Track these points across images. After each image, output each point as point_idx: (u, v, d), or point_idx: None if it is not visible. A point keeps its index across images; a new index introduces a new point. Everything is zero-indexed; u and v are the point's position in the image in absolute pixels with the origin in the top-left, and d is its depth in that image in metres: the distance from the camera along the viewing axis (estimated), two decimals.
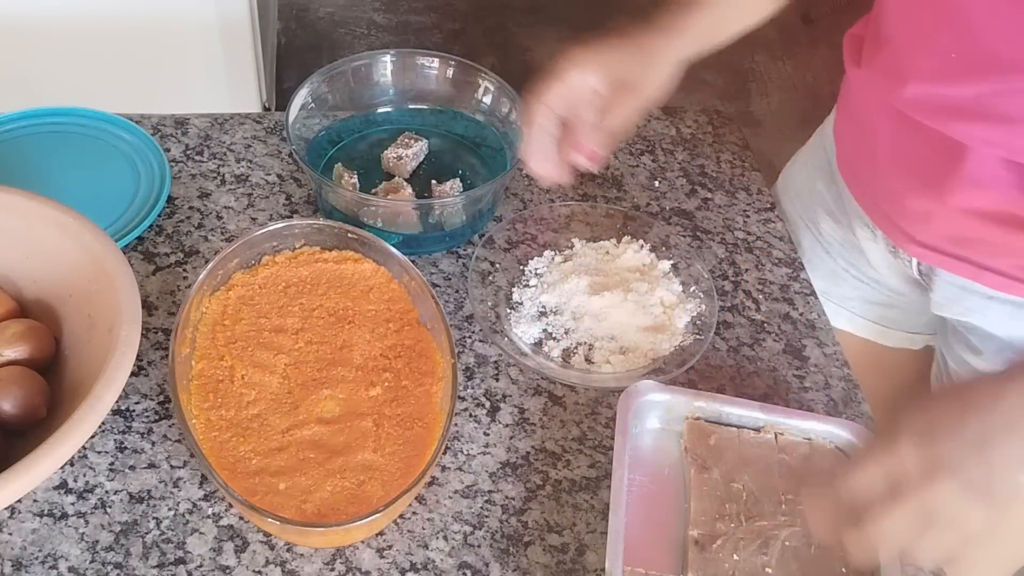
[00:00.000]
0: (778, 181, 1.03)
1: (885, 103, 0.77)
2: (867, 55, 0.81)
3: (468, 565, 0.65)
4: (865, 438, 0.71)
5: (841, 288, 0.96)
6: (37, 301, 0.71)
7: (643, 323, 0.80)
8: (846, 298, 0.96)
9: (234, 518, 0.66)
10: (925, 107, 0.72)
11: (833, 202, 0.92)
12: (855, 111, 0.85)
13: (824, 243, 0.95)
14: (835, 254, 0.94)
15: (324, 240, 0.76)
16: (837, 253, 0.94)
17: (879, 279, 0.92)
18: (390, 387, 0.69)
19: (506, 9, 2.63)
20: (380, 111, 0.94)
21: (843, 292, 0.96)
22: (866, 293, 0.95)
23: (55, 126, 0.91)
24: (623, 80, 0.71)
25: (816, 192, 0.95)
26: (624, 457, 0.68)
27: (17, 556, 0.62)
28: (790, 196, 0.99)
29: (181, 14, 1.50)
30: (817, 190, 0.94)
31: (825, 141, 0.95)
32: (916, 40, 0.72)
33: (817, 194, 0.94)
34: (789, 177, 1.01)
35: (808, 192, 0.96)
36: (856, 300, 0.96)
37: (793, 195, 0.99)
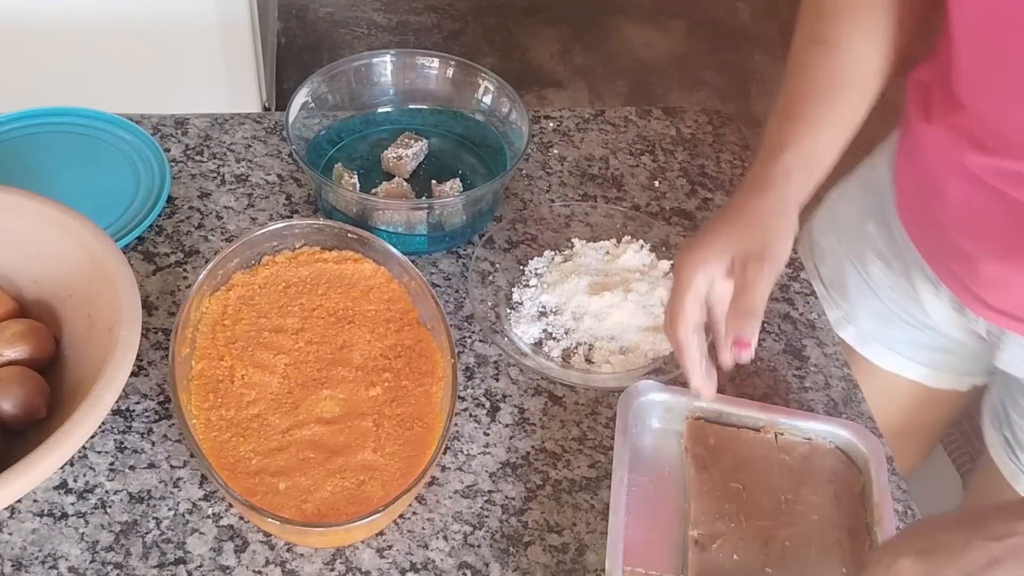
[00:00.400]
0: (819, 213, 0.97)
1: (958, 164, 0.72)
2: (938, 111, 0.75)
3: (468, 565, 0.65)
4: (865, 437, 0.71)
5: (889, 330, 0.91)
6: (37, 301, 0.71)
7: (643, 323, 0.80)
8: (894, 340, 0.91)
9: (234, 518, 0.66)
10: (1005, 176, 0.69)
11: (886, 246, 0.87)
12: (922, 164, 0.79)
13: (872, 284, 0.90)
14: (884, 297, 0.89)
15: (324, 240, 0.76)
16: (887, 296, 0.89)
17: (934, 327, 0.87)
18: (390, 387, 0.69)
19: (506, 9, 2.63)
20: (380, 111, 0.94)
21: (891, 334, 0.91)
22: (917, 337, 0.90)
23: (55, 126, 0.91)
24: (747, 255, 0.65)
25: (866, 233, 0.89)
26: (624, 457, 0.68)
27: (17, 556, 0.62)
28: (835, 231, 0.93)
29: (181, 14, 1.50)
30: (867, 231, 0.89)
31: (878, 179, 0.89)
32: (999, 112, 0.68)
33: (867, 235, 0.89)
34: (834, 211, 0.95)
35: (857, 231, 0.90)
36: (905, 343, 0.91)
37: (839, 230, 0.93)
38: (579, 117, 1.02)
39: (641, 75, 2.49)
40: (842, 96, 0.71)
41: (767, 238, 0.64)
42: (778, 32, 2.64)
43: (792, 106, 0.70)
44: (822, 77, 0.71)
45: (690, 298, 0.65)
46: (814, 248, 0.96)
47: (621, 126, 1.02)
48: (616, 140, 1.00)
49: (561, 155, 0.97)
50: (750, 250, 0.64)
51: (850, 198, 0.93)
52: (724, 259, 0.65)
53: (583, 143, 0.99)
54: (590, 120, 1.02)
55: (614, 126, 1.01)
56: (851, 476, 0.70)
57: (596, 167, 0.96)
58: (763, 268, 0.63)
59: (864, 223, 0.89)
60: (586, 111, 1.03)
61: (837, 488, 0.69)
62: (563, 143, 0.98)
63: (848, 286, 0.92)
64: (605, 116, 1.02)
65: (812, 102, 0.70)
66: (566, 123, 1.01)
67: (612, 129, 1.01)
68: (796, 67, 0.72)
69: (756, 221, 0.65)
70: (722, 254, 0.65)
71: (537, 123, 1.00)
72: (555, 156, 0.97)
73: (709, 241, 0.66)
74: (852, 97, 0.71)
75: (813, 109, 0.70)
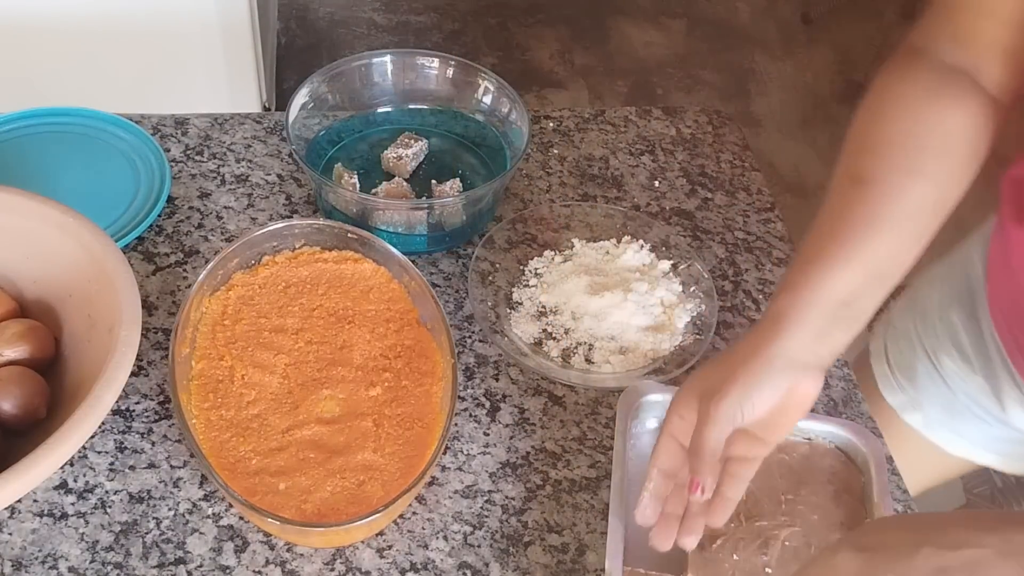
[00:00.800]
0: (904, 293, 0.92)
1: None
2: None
3: (468, 565, 0.65)
4: (865, 437, 0.71)
5: (958, 422, 0.87)
6: (37, 301, 0.71)
7: (643, 323, 0.80)
8: (962, 432, 0.87)
9: (234, 518, 0.66)
10: None
11: (970, 341, 0.82)
12: (1019, 268, 0.73)
13: (943, 375, 0.86)
14: (956, 389, 0.85)
15: (324, 240, 0.76)
16: (959, 388, 0.85)
17: (1011, 422, 0.83)
18: (390, 387, 0.69)
19: (506, 9, 2.63)
20: (380, 111, 0.94)
21: (960, 427, 0.87)
22: (990, 431, 0.86)
23: (55, 126, 0.91)
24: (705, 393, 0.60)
25: (946, 321, 0.84)
26: (624, 457, 0.68)
27: (17, 556, 0.62)
28: (913, 313, 0.89)
29: (181, 14, 1.50)
30: (949, 319, 0.84)
31: (969, 269, 0.83)
32: None
33: (949, 325, 0.84)
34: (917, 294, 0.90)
35: (937, 318, 0.85)
36: (977, 435, 0.87)
37: (917, 314, 0.88)
38: (579, 117, 1.02)
39: (641, 75, 2.49)
40: (877, 234, 0.61)
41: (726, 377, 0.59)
42: (778, 32, 2.64)
43: (810, 246, 0.63)
44: (854, 216, 0.62)
45: (663, 439, 0.62)
46: (888, 327, 0.93)
47: (621, 126, 1.02)
48: (616, 140, 1.00)
49: (561, 155, 0.97)
50: (708, 388, 0.60)
51: (935, 283, 0.87)
52: (692, 399, 0.61)
53: (583, 143, 0.99)
54: (590, 120, 1.02)
55: (614, 126, 1.01)
56: (851, 476, 0.70)
57: (596, 167, 0.96)
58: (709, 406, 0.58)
59: (948, 311, 0.84)
60: (586, 111, 1.03)
61: (837, 488, 0.69)
62: (563, 143, 0.98)
63: (917, 371, 0.87)
64: (605, 116, 1.03)
65: (838, 242, 0.61)
66: (566, 123, 1.01)
67: (612, 129, 1.01)
68: (827, 207, 0.64)
69: (729, 360, 0.60)
70: (690, 395, 0.61)
71: (537, 123, 1.00)
72: (555, 156, 0.97)
73: (686, 383, 0.63)
74: (891, 239, 0.61)
75: (834, 248, 0.61)
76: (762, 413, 0.59)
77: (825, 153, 2.33)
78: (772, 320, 0.60)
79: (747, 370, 0.59)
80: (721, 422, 0.58)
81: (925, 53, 0.65)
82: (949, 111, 0.63)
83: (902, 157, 0.62)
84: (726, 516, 0.61)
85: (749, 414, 0.59)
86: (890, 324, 0.92)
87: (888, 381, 0.90)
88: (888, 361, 0.91)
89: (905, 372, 0.89)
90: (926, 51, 0.65)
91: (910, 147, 0.63)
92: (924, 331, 0.86)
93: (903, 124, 0.63)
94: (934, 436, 0.89)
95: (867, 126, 0.65)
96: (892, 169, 0.62)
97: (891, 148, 0.63)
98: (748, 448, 0.61)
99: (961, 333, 0.82)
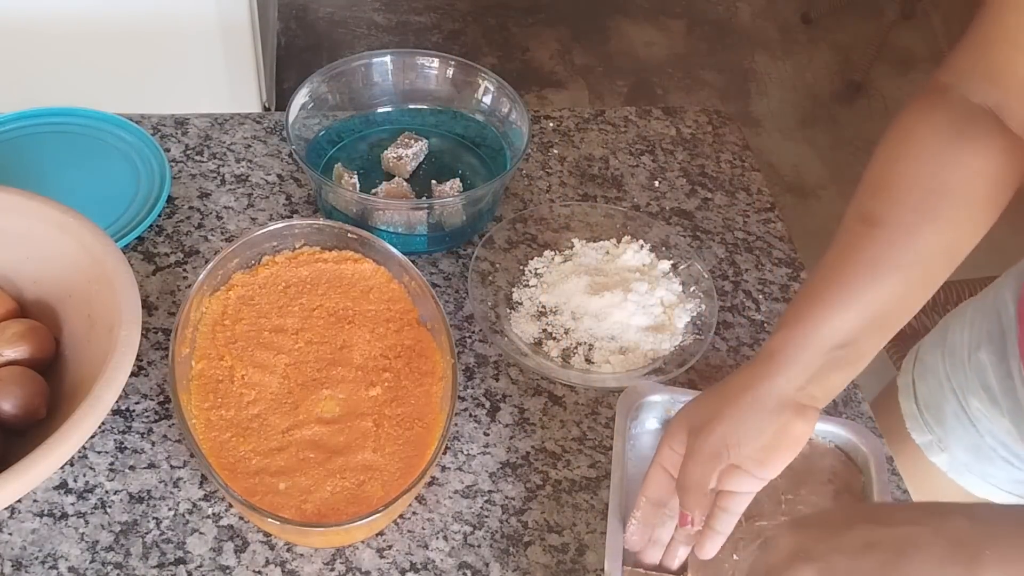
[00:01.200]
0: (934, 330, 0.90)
1: None
2: None
3: (468, 565, 0.65)
4: (865, 436, 0.71)
5: (984, 465, 0.84)
6: (37, 301, 0.71)
7: (643, 323, 0.80)
8: (989, 474, 0.85)
9: (234, 518, 0.66)
10: None
11: (998, 382, 0.79)
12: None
13: (971, 417, 0.83)
14: (983, 431, 0.83)
15: (324, 240, 0.76)
16: (986, 431, 0.82)
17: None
18: (390, 387, 0.69)
19: (506, 9, 2.63)
20: (380, 111, 0.94)
21: (987, 469, 0.85)
22: (1017, 475, 0.83)
23: (55, 126, 0.91)
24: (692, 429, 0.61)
25: (977, 361, 0.81)
26: (624, 458, 0.68)
27: (17, 556, 0.62)
28: (943, 350, 0.86)
29: (181, 14, 1.50)
30: (978, 359, 0.81)
31: (1002, 307, 0.80)
32: None
33: (978, 364, 0.81)
34: (947, 331, 0.88)
35: (966, 357, 0.83)
36: (1004, 479, 0.84)
37: (947, 351, 0.85)
38: (579, 117, 1.02)
39: (641, 75, 2.49)
40: (881, 278, 0.59)
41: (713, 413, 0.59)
42: (778, 32, 2.64)
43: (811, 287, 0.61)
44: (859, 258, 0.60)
45: (653, 470, 0.63)
46: (917, 363, 0.90)
47: (621, 126, 1.02)
48: (616, 140, 1.00)
49: (561, 155, 0.97)
50: (697, 423, 0.60)
51: (966, 320, 0.85)
52: (682, 432, 0.61)
53: (583, 143, 0.99)
54: (590, 120, 1.02)
55: (614, 126, 1.01)
56: (851, 476, 0.70)
57: (596, 167, 0.96)
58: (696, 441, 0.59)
59: (977, 351, 0.81)
60: (586, 111, 1.03)
61: (837, 488, 0.69)
62: (563, 143, 0.98)
63: (945, 412, 0.85)
64: (605, 116, 1.03)
65: (839, 283, 0.60)
66: (566, 123, 1.01)
67: (612, 129, 1.01)
68: (835, 246, 0.62)
69: (714, 397, 0.61)
70: (680, 428, 0.61)
71: (537, 123, 1.00)
72: (555, 156, 0.97)
73: (678, 415, 0.63)
74: (897, 283, 0.59)
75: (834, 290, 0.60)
76: (750, 451, 0.59)
77: (825, 153, 2.33)
78: (766, 358, 0.59)
79: (735, 408, 0.58)
80: (706, 459, 0.58)
81: (951, 91, 0.63)
82: (971, 153, 0.60)
83: (916, 199, 0.60)
84: (715, 549, 0.61)
85: (735, 452, 0.58)
86: (919, 360, 0.90)
87: (916, 420, 0.89)
88: (916, 399, 0.89)
89: (933, 412, 0.87)
90: (952, 89, 0.63)
91: (925, 189, 0.60)
92: (953, 370, 0.84)
93: (921, 165, 0.60)
94: (960, 479, 0.87)
95: (883, 165, 0.62)
96: (904, 211, 0.60)
97: (905, 189, 0.60)
98: (739, 483, 0.60)
99: (989, 372, 0.80)
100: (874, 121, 2.40)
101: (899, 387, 0.92)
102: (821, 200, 2.20)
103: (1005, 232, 0.62)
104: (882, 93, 2.49)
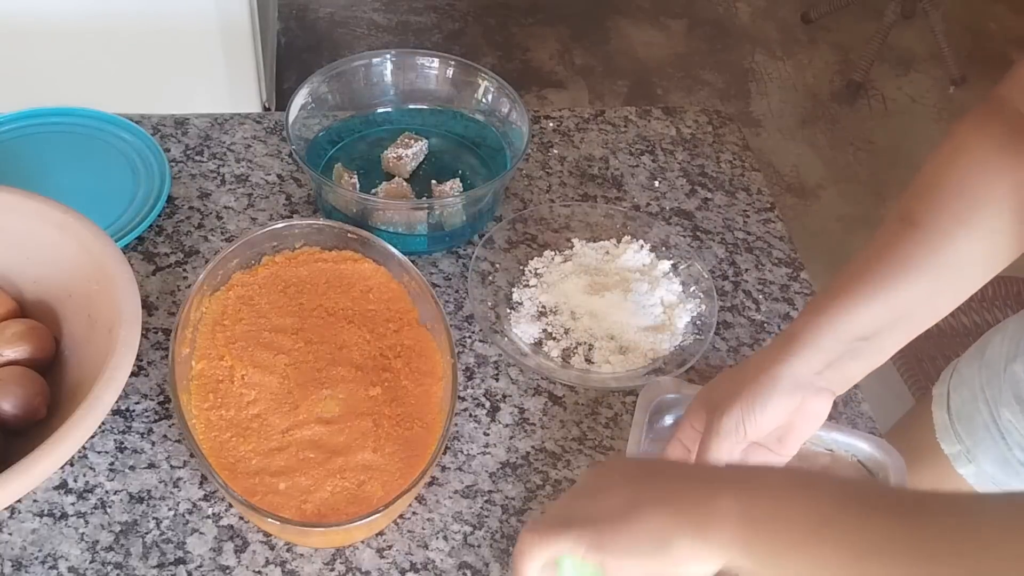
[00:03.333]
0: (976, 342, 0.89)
1: None
2: None
3: (468, 565, 0.65)
4: (887, 451, 0.70)
5: (1012, 480, 0.83)
6: (37, 301, 0.71)
7: (643, 323, 0.80)
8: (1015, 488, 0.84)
9: (234, 518, 0.66)
10: None
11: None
12: None
13: (1001, 428, 0.82)
14: (1012, 443, 0.82)
15: (324, 240, 0.76)
16: (1015, 443, 0.81)
17: None
18: (390, 387, 0.69)
19: (506, 9, 2.63)
20: (380, 111, 0.94)
21: (1014, 484, 0.83)
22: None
23: (55, 126, 0.91)
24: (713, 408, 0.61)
25: (1011, 373, 0.80)
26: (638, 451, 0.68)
27: (17, 556, 0.62)
28: (980, 362, 0.86)
29: (181, 14, 1.50)
30: (1013, 370, 0.80)
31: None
32: None
33: (1012, 375, 0.80)
34: (986, 342, 0.87)
35: (1000, 368, 0.82)
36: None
37: (984, 362, 0.85)
38: (579, 117, 1.02)
39: (641, 75, 2.49)
40: (912, 278, 0.60)
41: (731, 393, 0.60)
42: (778, 32, 2.64)
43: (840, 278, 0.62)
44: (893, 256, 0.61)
45: (672, 444, 0.65)
46: (955, 375, 0.90)
47: (621, 126, 1.02)
48: (616, 140, 1.00)
49: (561, 155, 0.97)
50: (716, 402, 0.61)
51: (1007, 334, 0.84)
52: (702, 410, 0.63)
53: (583, 143, 0.99)
54: (590, 120, 1.02)
55: (614, 126, 1.01)
56: None
57: (596, 167, 0.96)
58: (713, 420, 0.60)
59: (1013, 360, 0.80)
60: (586, 111, 1.03)
61: None
62: (563, 143, 0.98)
63: (975, 423, 0.85)
64: (605, 116, 1.03)
65: (869, 277, 0.61)
66: (566, 123, 1.01)
67: (612, 129, 1.01)
68: (873, 243, 0.63)
69: (733, 377, 0.62)
70: (700, 406, 0.63)
71: (537, 123, 1.00)
72: (555, 156, 0.97)
73: (701, 392, 0.64)
74: (925, 282, 0.60)
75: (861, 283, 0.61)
76: (767, 430, 0.60)
77: (825, 153, 2.33)
78: (785, 340, 0.61)
79: (751, 388, 0.59)
80: (723, 437, 0.60)
81: (1006, 105, 0.63)
82: (1018, 166, 0.61)
83: (957, 205, 0.61)
84: None
85: (752, 431, 0.60)
86: (956, 371, 0.90)
87: (947, 430, 0.88)
88: (949, 408, 0.89)
89: (965, 423, 0.86)
90: (1008, 102, 0.63)
91: (968, 196, 0.61)
92: (988, 381, 0.84)
93: (967, 173, 0.61)
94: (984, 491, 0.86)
95: (932, 170, 0.63)
96: (944, 215, 0.61)
97: (948, 195, 0.61)
98: (760, 459, 0.62)
99: (1022, 383, 0.79)
100: (874, 121, 2.40)
101: (934, 396, 0.92)
102: (821, 200, 2.20)
103: None
104: (882, 93, 2.49)
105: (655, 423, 0.72)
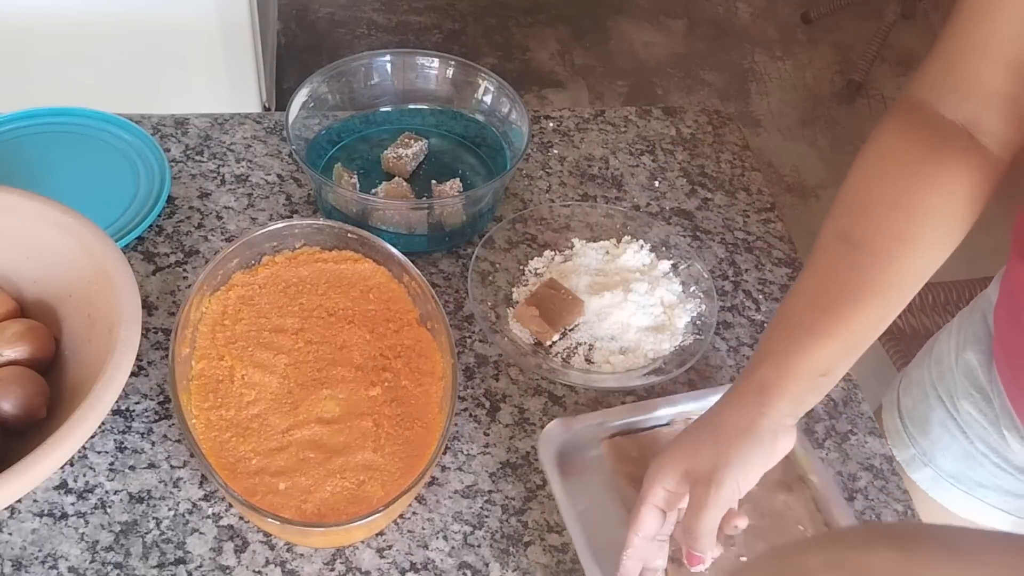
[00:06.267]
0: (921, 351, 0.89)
1: None
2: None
3: (468, 565, 0.65)
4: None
5: (976, 473, 0.83)
6: (37, 301, 0.71)
7: (643, 323, 0.80)
8: (979, 485, 0.83)
9: (234, 518, 0.66)
10: None
11: (988, 382, 0.78)
12: (1017, 308, 0.71)
13: (961, 422, 0.82)
14: (973, 436, 0.81)
15: (324, 240, 0.76)
16: (976, 435, 0.81)
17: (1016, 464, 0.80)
18: (390, 387, 0.69)
19: (506, 9, 2.63)
20: (380, 111, 0.94)
21: (977, 477, 0.83)
22: (1006, 482, 0.81)
23: (55, 126, 0.91)
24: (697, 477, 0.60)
25: (964, 362, 0.80)
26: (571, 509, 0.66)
27: (17, 556, 0.62)
28: (929, 361, 0.86)
29: (181, 14, 1.50)
30: (966, 359, 0.80)
31: (986, 309, 0.79)
32: None
33: (965, 364, 0.80)
34: (935, 342, 0.87)
35: (953, 361, 0.82)
36: (992, 489, 0.83)
37: (933, 360, 0.85)
38: (579, 117, 1.02)
39: (641, 75, 2.49)
40: (862, 306, 0.60)
41: (719, 460, 0.59)
42: (778, 32, 2.64)
43: (794, 312, 0.62)
44: (838, 281, 0.61)
45: (645, 509, 0.62)
46: (903, 379, 0.90)
47: (621, 126, 1.02)
48: (616, 140, 1.00)
49: (561, 155, 0.97)
50: (700, 471, 0.59)
51: (952, 329, 0.84)
52: (678, 473, 0.61)
53: (583, 143, 0.99)
54: (590, 120, 1.02)
55: (614, 126, 1.01)
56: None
57: (596, 167, 0.96)
58: (709, 492, 0.58)
59: (964, 350, 0.81)
60: (586, 111, 1.03)
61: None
62: (563, 143, 0.98)
63: (931, 422, 0.84)
64: (605, 116, 1.03)
65: (819, 310, 0.61)
66: (566, 123, 1.01)
67: (612, 129, 1.01)
68: (812, 266, 0.63)
69: (712, 439, 0.60)
70: (676, 468, 0.61)
71: (537, 123, 1.00)
72: (555, 156, 0.97)
73: (671, 453, 0.62)
74: (875, 308, 0.61)
75: (818, 318, 0.60)
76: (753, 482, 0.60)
77: (825, 153, 2.32)
78: (758, 391, 0.60)
79: (739, 452, 0.59)
80: (722, 507, 0.59)
81: (923, 107, 0.63)
82: (946, 173, 0.61)
83: (894, 221, 0.61)
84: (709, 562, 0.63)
85: (745, 490, 0.60)
86: (905, 375, 0.90)
87: (899, 436, 0.88)
88: (900, 412, 0.89)
89: (918, 424, 0.86)
90: (925, 105, 0.63)
91: (903, 209, 0.61)
92: (939, 377, 0.84)
93: (897, 185, 0.61)
94: (942, 496, 0.86)
95: (860, 183, 0.63)
96: (883, 233, 0.61)
97: (883, 210, 0.61)
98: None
99: (979, 372, 0.79)
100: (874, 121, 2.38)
101: (883, 404, 0.92)
102: (821, 200, 2.20)
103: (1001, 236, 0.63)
104: (882, 93, 2.49)
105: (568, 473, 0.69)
